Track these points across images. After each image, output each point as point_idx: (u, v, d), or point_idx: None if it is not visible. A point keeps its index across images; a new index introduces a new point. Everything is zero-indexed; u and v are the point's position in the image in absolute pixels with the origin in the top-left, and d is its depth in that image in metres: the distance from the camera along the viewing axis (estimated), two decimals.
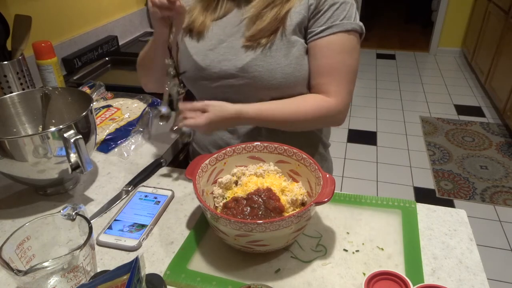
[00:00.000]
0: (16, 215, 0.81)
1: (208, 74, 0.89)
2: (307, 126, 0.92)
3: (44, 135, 0.75)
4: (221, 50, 0.88)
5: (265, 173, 0.79)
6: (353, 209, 0.80)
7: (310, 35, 0.85)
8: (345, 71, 0.85)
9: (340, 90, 0.85)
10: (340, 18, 0.82)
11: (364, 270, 0.67)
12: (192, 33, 0.92)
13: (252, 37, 0.84)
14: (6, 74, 1.14)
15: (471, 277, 0.65)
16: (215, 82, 0.90)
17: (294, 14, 0.83)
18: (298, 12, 0.83)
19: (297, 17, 0.83)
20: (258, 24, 0.84)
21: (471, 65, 3.87)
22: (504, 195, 2.25)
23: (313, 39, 0.84)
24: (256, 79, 0.85)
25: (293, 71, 0.84)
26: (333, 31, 0.82)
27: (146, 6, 2.15)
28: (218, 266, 0.68)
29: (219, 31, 0.89)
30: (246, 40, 0.85)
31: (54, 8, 1.52)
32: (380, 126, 3.01)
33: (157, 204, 0.82)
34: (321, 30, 0.83)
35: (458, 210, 0.80)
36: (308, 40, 0.86)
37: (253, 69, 0.84)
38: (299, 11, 0.83)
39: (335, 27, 0.82)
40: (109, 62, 1.65)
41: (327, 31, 0.82)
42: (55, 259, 0.54)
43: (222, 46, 0.88)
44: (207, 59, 0.89)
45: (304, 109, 0.85)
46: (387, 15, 5.92)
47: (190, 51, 0.91)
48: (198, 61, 0.89)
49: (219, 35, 0.89)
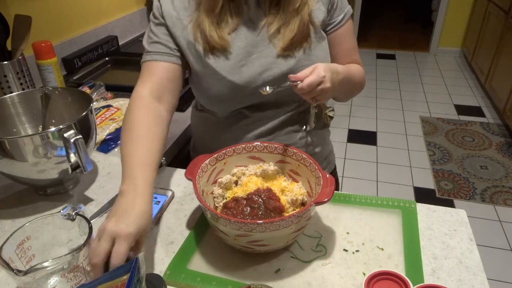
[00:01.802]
0: (16, 215, 0.81)
1: (249, 90, 0.85)
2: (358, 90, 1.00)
3: (44, 135, 0.75)
4: (255, 63, 0.84)
5: (265, 173, 0.79)
6: (353, 209, 0.80)
7: (332, 26, 0.91)
8: (357, 46, 0.99)
9: (360, 61, 0.99)
10: (344, 5, 0.91)
11: (364, 270, 0.67)
12: (215, 52, 0.83)
13: (288, 47, 0.83)
14: (6, 74, 1.14)
15: (471, 277, 0.65)
16: (254, 96, 0.86)
17: (317, 12, 0.87)
18: (319, 9, 0.87)
19: (320, 14, 0.87)
20: (286, 32, 0.83)
21: (471, 65, 3.87)
22: (504, 195, 2.25)
23: (336, 28, 0.91)
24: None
25: (327, 62, 0.89)
26: (347, 18, 0.92)
27: (146, 6, 2.15)
28: (218, 266, 0.68)
29: (242, 44, 0.83)
30: (282, 50, 0.83)
31: (54, 8, 1.52)
32: (380, 126, 3.01)
33: (157, 204, 0.82)
34: (340, 19, 0.91)
35: (458, 210, 0.80)
36: (330, 30, 0.91)
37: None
38: (319, 8, 0.87)
39: (346, 15, 0.92)
40: (109, 62, 1.65)
41: (344, 19, 0.92)
42: (55, 259, 0.54)
43: (253, 58, 0.84)
44: (245, 75, 0.83)
45: (359, 71, 0.96)
46: (387, 15, 5.92)
47: (221, 73, 0.83)
48: (235, 80, 0.83)
49: (244, 48, 0.83)
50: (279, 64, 0.84)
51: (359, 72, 0.96)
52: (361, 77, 0.97)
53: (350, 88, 0.95)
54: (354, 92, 1.00)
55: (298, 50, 0.85)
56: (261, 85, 0.83)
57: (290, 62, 0.85)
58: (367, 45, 4.64)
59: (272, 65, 0.84)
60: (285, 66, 0.84)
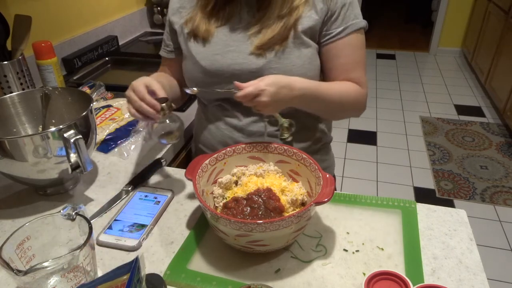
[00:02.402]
0: (16, 215, 0.81)
1: (220, 79, 0.89)
2: (347, 111, 0.95)
3: (44, 135, 0.75)
4: (229, 55, 0.88)
5: (265, 173, 0.79)
6: (353, 209, 0.80)
7: (328, 37, 0.87)
8: (363, 64, 0.93)
9: (364, 81, 0.93)
10: (351, 18, 0.87)
11: (364, 270, 0.67)
12: (197, 38, 0.91)
13: (263, 45, 0.85)
14: (6, 74, 1.14)
15: (471, 277, 0.65)
16: (226, 86, 0.89)
17: (305, 19, 0.85)
18: (308, 17, 0.85)
19: (309, 21, 0.85)
20: (266, 33, 0.85)
21: (471, 65, 3.87)
22: (504, 195, 2.25)
23: (332, 40, 0.88)
24: None
25: (306, 72, 0.87)
26: (349, 31, 0.87)
27: (146, 6, 2.15)
28: (218, 266, 0.68)
29: (223, 37, 0.89)
30: (256, 48, 0.86)
31: (54, 8, 1.52)
32: (380, 126, 3.01)
33: (157, 204, 0.82)
34: (339, 31, 0.87)
35: (458, 210, 0.80)
36: (325, 42, 0.88)
37: (268, 72, 0.85)
38: (310, 16, 0.85)
39: (350, 27, 0.87)
40: (109, 62, 1.65)
41: (345, 32, 0.87)
42: (55, 259, 0.54)
43: (230, 51, 0.88)
44: (216, 64, 0.89)
45: (348, 91, 0.89)
46: (387, 15, 5.92)
47: (196, 57, 0.91)
48: (206, 66, 0.89)
49: (225, 41, 0.89)
50: (249, 61, 0.86)
51: (346, 92, 0.89)
52: (349, 98, 0.89)
53: (326, 107, 0.89)
54: (338, 113, 0.95)
55: (270, 51, 0.85)
56: (229, 77, 0.88)
57: (260, 61, 0.86)
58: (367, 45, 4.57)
59: (243, 60, 0.87)
60: (254, 65, 0.86)
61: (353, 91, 0.90)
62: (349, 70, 0.90)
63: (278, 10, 0.84)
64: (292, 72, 0.85)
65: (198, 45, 0.91)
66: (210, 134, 1.00)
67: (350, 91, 0.90)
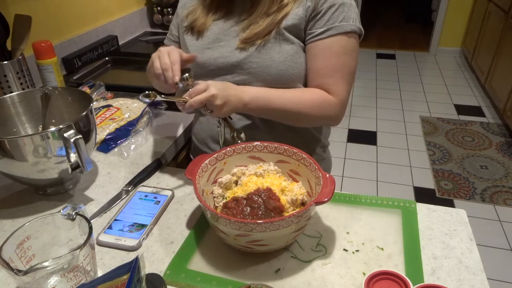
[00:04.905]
0: (16, 215, 0.81)
1: (206, 71, 0.93)
2: (309, 120, 0.89)
3: (44, 135, 0.75)
4: (218, 49, 0.91)
5: (265, 173, 0.79)
6: (353, 209, 0.80)
7: (310, 36, 0.86)
8: (346, 72, 0.87)
9: (341, 90, 0.87)
10: (338, 20, 0.83)
11: (364, 270, 0.67)
12: (193, 31, 0.96)
13: (247, 39, 0.87)
14: (6, 74, 1.14)
15: (471, 277, 0.65)
16: (214, 78, 0.92)
17: (291, 16, 0.86)
18: (295, 14, 0.85)
19: (294, 18, 0.85)
20: (253, 28, 0.87)
21: (471, 65, 3.87)
22: (504, 195, 2.25)
23: (313, 40, 0.86)
24: (251, 75, 0.89)
25: (287, 68, 0.87)
26: (333, 33, 0.84)
27: (146, 6, 2.15)
28: (218, 266, 0.68)
29: (217, 31, 0.93)
30: (241, 42, 0.88)
31: (54, 8, 1.52)
32: (380, 126, 3.01)
33: (157, 204, 0.82)
34: (321, 32, 0.84)
35: (458, 210, 0.80)
36: (307, 41, 0.87)
37: (248, 66, 0.88)
38: (296, 13, 0.85)
39: (334, 29, 0.84)
40: (109, 62, 1.65)
41: (326, 33, 0.84)
42: (55, 259, 0.54)
43: (219, 45, 0.92)
44: (205, 56, 0.92)
45: (309, 99, 0.85)
46: (387, 15, 5.92)
47: (189, 49, 0.95)
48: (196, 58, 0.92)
49: (217, 34, 0.92)
50: (233, 54, 0.89)
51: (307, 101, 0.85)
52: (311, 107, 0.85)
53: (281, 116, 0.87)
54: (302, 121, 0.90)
55: (252, 45, 0.87)
56: (215, 69, 0.91)
57: (241, 55, 0.88)
58: (367, 45, 4.64)
59: (228, 54, 0.90)
60: (236, 58, 0.89)
61: (316, 100, 0.85)
62: (324, 75, 0.86)
63: (267, 7, 0.86)
64: (271, 67, 0.86)
65: (192, 38, 0.95)
66: (201, 127, 1.03)
67: (313, 100, 0.85)
